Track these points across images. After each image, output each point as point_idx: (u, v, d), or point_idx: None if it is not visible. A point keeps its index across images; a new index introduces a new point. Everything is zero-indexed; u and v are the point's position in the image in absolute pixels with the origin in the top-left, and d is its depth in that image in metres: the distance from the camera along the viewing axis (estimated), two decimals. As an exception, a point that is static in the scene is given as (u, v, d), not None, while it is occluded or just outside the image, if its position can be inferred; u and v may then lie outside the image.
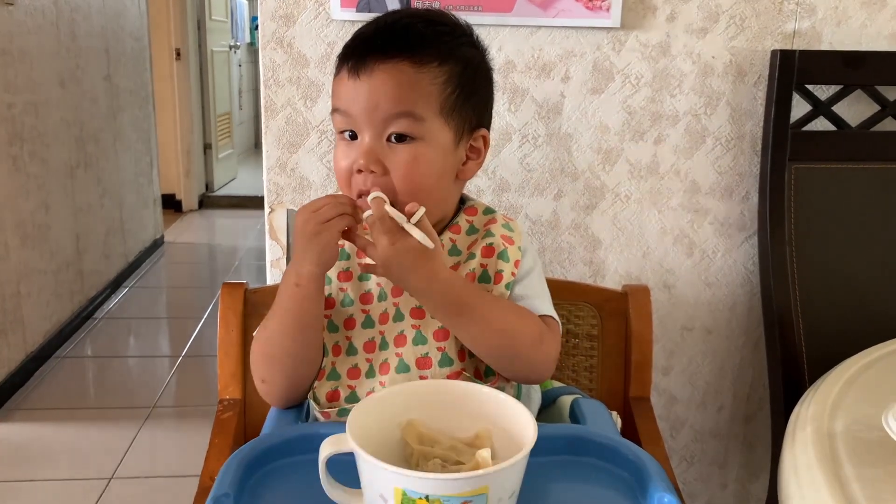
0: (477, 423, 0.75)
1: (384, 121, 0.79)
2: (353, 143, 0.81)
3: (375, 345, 0.85)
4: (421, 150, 0.81)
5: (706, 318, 1.51)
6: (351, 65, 0.80)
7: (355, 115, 0.80)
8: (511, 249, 0.87)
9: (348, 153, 0.82)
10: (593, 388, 1.17)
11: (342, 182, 0.84)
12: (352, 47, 0.82)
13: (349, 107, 0.80)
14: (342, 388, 0.86)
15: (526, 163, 1.41)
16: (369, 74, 0.79)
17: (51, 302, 2.86)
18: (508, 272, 0.86)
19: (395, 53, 0.79)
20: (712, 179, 1.43)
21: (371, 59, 0.79)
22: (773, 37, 1.37)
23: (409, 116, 0.80)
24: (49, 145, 2.86)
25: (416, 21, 0.83)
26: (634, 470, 0.77)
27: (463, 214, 0.89)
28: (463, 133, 0.84)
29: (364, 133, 0.80)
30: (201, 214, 5.17)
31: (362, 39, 0.82)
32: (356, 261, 0.87)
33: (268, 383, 0.87)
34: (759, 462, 1.60)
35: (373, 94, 0.79)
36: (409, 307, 0.85)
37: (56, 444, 2.24)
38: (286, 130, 1.35)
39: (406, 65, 0.79)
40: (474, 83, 0.85)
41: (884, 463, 0.77)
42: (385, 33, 0.81)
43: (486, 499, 0.63)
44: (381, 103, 0.79)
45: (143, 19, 4.05)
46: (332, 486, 0.69)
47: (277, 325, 0.83)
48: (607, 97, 1.39)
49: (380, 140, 0.80)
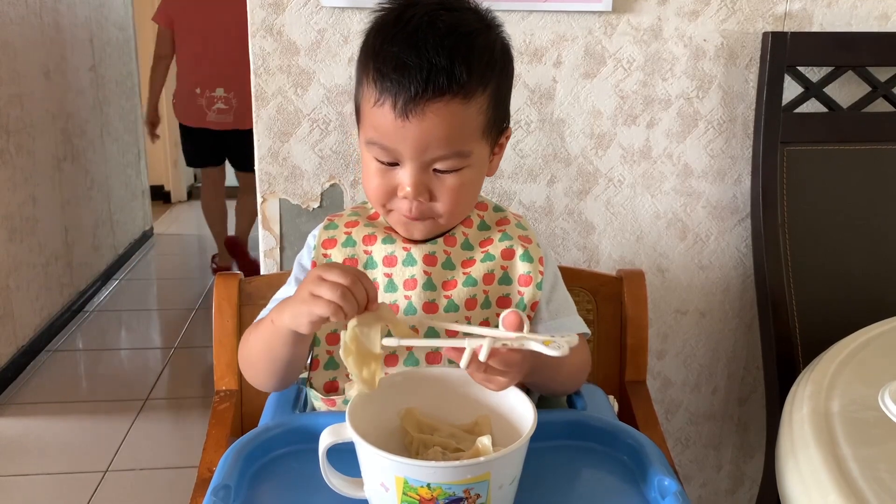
0: (476, 410, 0.75)
1: (433, 159, 0.78)
2: (392, 169, 0.79)
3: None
4: (466, 176, 0.80)
5: (700, 301, 1.51)
6: (399, 104, 0.75)
7: (401, 151, 0.77)
8: (532, 248, 0.88)
9: (387, 178, 0.80)
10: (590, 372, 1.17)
11: (377, 202, 0.82)
12: (395, 81, 0.75)
13: (395, 144, 0.77)
14: (341, 377, 0.85)
15: (519, 149, 1.40)
16: (420, 116, 0.75)
17: (41, 295, 2.84)
18: (536, 272, 0.87)
19: (444, 91, 0.75)
20: (705, 163, 1.43)
21: (421, 99, 0.74)
22: (764, 19, 1.37)
23: (459, 155, 0.78)
24: (35, 137, 2.83)
25: (457, 40, 0.76)
26: (633, 453, 0.78)
27: (474, 210, 0.90)
28: (494, 140, 0.84)
29: (406, 165, 0.78)
30: (190, 205, 5.14)
31: (406, 72, 0.74)
32: (361, 248, 0.87)
33: (251, 379, 0.88)
34: (754, 443, 1.61)
35: (424, 136, 0.76)
36: (421, 302, 0.84)
37: (50, 438, 2.23)
38: (277, 119, 1.34)
39: (456, 103, 0.76)
40: (508, 87, 0.85)
41: (880, 442, 0.78)
42: (430, 66, 0.74)
43: (487, 485, 0.63)
44: (431, 145, 0.77)
45: (127, 9, 4.01)
46: (333, 476, 0.69)
47: (257, 343, 0.83)
48: (599, 82, 1.38)
49: (426, 171, 0.79)
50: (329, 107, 1.34)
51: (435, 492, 0.62)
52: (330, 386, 0.85)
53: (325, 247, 0.88)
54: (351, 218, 0.90)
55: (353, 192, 1.39)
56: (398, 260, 0.85)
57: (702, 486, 1.65)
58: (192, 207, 5.10)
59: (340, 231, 0.88)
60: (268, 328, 0.79)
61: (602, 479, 0.77)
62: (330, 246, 0.87)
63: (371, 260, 0.86)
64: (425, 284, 0.84)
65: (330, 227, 0.89)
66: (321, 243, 0.88)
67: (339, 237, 0.87)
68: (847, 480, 0.71)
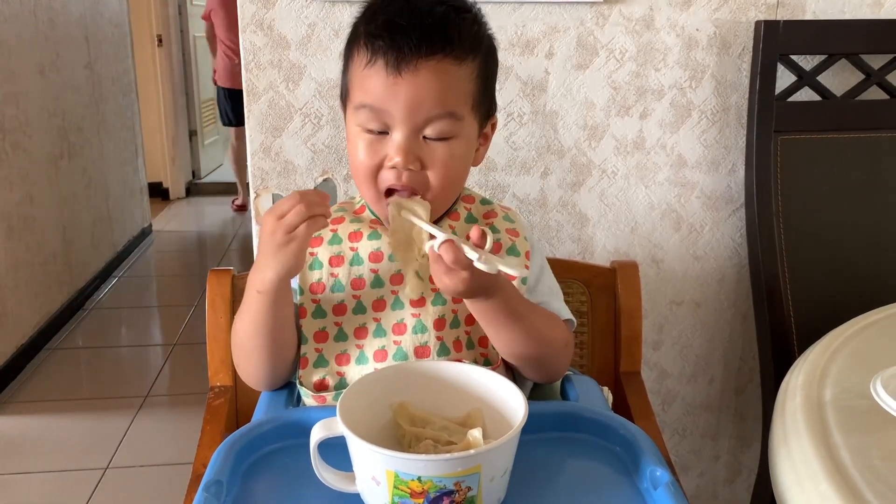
0: (468, 403, 0.75)
1: (426, 120, 0.77)
2: (382, 139, 0.78)
3: (368, 331, 0.85)
4: (456, 146, 0.80)
5: (695, 291, 1.51)
6: (392, 61, 0.75)
7: (392, 113, 0.77)
8: (519, 241, 0.89)
9: (375, 149, 0.79)
10: (584, 364, 1.17)
11: (365, 178, 0.81)
12: (388, 39, 0.75)
13: (387, 105, 0.76)
14: (331, 375, 0.85)
15: (512, 141, 1.40)
16: (413, 73, 0.75)
17: (39, 294, 2.84)
18: (522, 266, 0.87)
19: (437, 49, 0.76)
20: (698, 153, 1.43)
21: (414, 56, 0.75)
22: (756, 7, 1.37)
23: (451, 117, 0.78)
24: (31, 136, 2.83)
25: (447, 9, 0.78)
26: (626, 445, 0.78)
27: (461, 202, 0.90)
28: (482, 122, 0.85)
29: (398, 130, 0.78)
30: (188, 202, 5.14)
31: (399, 31, 0.75)
32: (348, 244, 0.86)
33: (244, 372, 0.88)
34: (751, 433, 1.62)
35: (416, 93, 0.76)
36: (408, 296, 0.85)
37: (50, 436, 2.24)
38: (269, 114, 1.34)
39: (449, 62, 0.77)
40: (493, 70, 0.85)
41: (872, 430, 0.78)
42: (424, 26, 0.76)
43: (478, 478, 0.63)
44: (424, 103, 0.76)
45: (122, 5, 4.00)
46: (325, 470, 0.69)
47: (245, 325, 0.83)
48: (592, 73, 1.38)
49: (417, 137, 0.78)
50: (321, 101, 1.34)
51: (426, 485, 0.62)
52: (320, 384, 0.85)
53: (311, 245, 0.87)
54: (337, 214, 0.90)
55: (347, 187, 1.38)
56: (384, 255, 0.85)
57: (699, 476, 1.65)
58: (190, 204, 5.10)
59: (326, 229, 0.88)
60: (252, 302, 0.79)
61: (594, 470, 0.77)
62: (316, 244, 0.87)
63: (357, 256, 0.86)
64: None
65: None
66: None
67: (324, 234, 0.87)
68: (839, 469, 0.71)
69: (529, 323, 0.81)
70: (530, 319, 0.82)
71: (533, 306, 0.85)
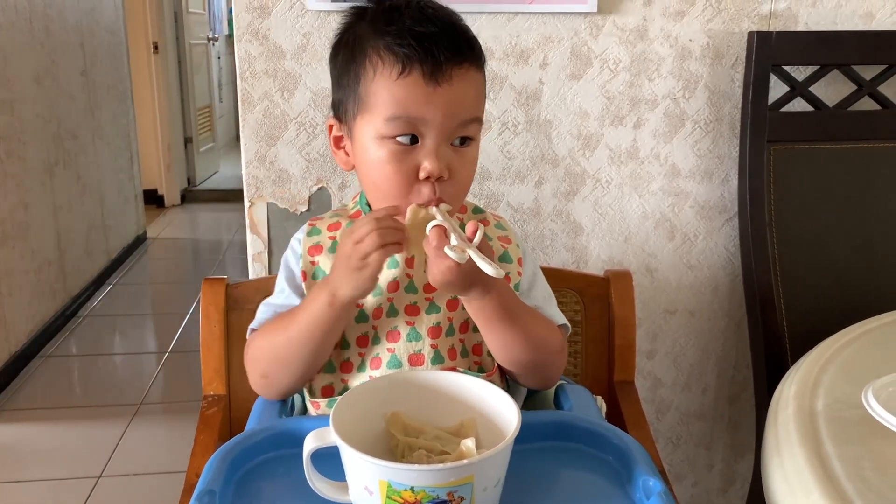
0: (461, 413, 0.75)
1: (458, 126, 0.79)
2: (412, 148, 0.78)
3: (368, 339, 0.85)
4: (474, 150, 0.82)
5: (689, 300, 1.51)
6: (428, 70, 0.76)
7: (428, 121, 0.77)
8: (511, 249, 0.89)
9: (405, 158, 0.78)
10: (578, 373, 1.17)
11: (399, 189, 0.79)
12: (420, 49, 0.76)
13: (424, 113, 0.77)
14: (336, 382, 0.86)
15: (506, 150, 1.40)
16: (448, 81, 0.77)
17: (33, 301, 2.84)
18: (515, 272, 0.88)
19: (465, 57, 0.78)
20: (692, 163, 1.44)
21: (448, 65, 0.76)
22: (749, 18, 1.38)
23: (478, 121, 0.81)
24: (26, 143, 2.82)
25: (456, 17, 0.81)
26: (619, 454, 0.78)
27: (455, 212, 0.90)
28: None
29: (430, 137, 0.78)
30: (184, 209, 5.13)
31: (430, 40, 0.76)
32: None
33: (270, 380, 0.86)
34: (744, 442, 1.62)
35: (453, 101, 0.77)
36: (403, 304, 0.85)
37: (43, 444, 2.23)
38: (264, 123, 1.34)
39: (473, 69, 0.80)
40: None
41: (863, 441, 0.78)
42: (449, 34, 0.78)
43: (471, 488, 0.63)
44: (459, 111, 0.78)
45: (118, 13, 4.00)
46: (318, 480, 0.69)
47: (299, 333, 0.81)
48: (586, 83, 1.38)
49: (447, 144, 0.79)
50: (316, 110, 1.34)
51: (419, 495, 0.62)
52: (327, 390, 0.86)
53: (312, 254, 0.87)
54: (332, 220, 0.90)
55: (341, 196, 1.39)
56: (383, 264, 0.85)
57: (693, 486, 1.65)
58: (185, 211, 5.09)
59: (325, 236, 0.88)
60: (315, 312, 0.79)
61: (587, 479, 0.77)
62: (316, 252, 0.87)
63: None
64: (407, 287, 0.85)
65: (313, 233, 0.89)
66: (307, 251, 0.88)
67: (324, 243, 0.87)
68: (830, 479, 0.71)
69: (525, 325, 0.82)
70: (526, 322, 0.82)
71: (528, 309, 0.85)
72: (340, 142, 0.86)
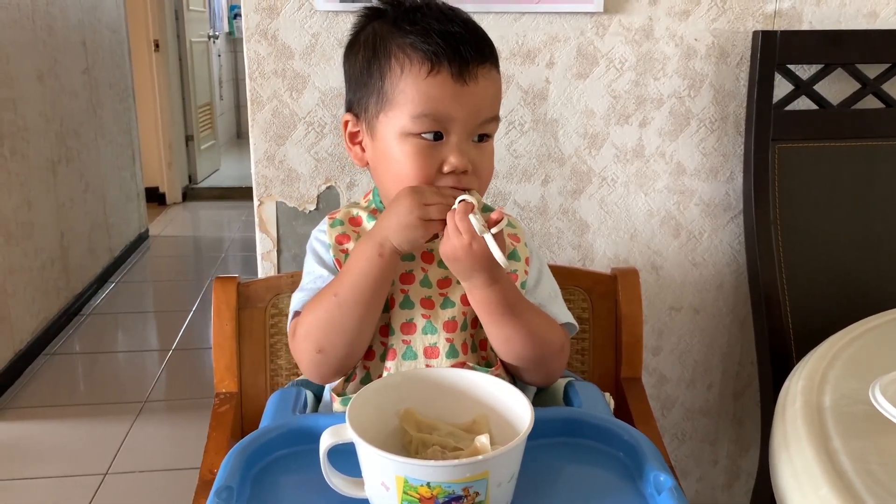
0: (474, 409, 0.76)
1: (482, 123, 0.82)
2: (436, 144, 0.80)
3: (387, 329, 0.87)
4: (492, 146, 0.85)
5: (694, 297, 1.52)
6: (456, 70, 0.79)
7: (455, 118, 0.79)
8: (520, 247, 0.91)
9: (430, 153, 0.80)
10: (586, 370, 1.18)
11: (423, 183, 0.81)
12: (448, 48, 0.79)
13: (452, 111, 0.79)
14: (359, 368, 0.88)
15: (513, 149, 1.41)
16: (474, 80, 0.80)
17: (37, 299, 2.84)
18: (522, 270, 0.89)
19: (487, 57, 0.82)
20: (697, 161, 1.45)
21: (474, 64, 0.79)
22: (754, 17, 1.38)
23: (496, 119, 0.85)
24: (29, 141, 2.83)
25: (473, 21, 0.84)
26: (629, 450, 0.79)
27: None
28: None
29: (456, 134, 0.80)
30: (185, 207, 5.14)
31: (456, 40, 0.79)
32: None
33: (325, 353, 0.83)
34: (749, 437, 1.63)
35: (478, 99, 0.80)
36: (419, 297, 0.86)
37: (49, 442, 2.24)
38: (273, 123, 1.35)
39: (494, 69, 0.83)
40: None
41: (871, 436, 0.79)
42: (472, 35, 0.81)
43: (486, 483, 0.64)
44: (483, 108, 0.81)
45: (120, 11, 4.00)
46: (334, 476, 0.70)
47: (350, 291, 0.81)
48: (592, 82, 1.39)
49: (470, 141, 0.82)
50: (324, 110, 1.35)
51: (435, 490, 0.63)
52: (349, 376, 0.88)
53: (341, 242, 0.88)
54: (352, 214, 0.91)
55: (349, 194, 1.40)
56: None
57: (698, 481, 1.66)
58: (187, 209, 5.09)
59: (348, 227, 0.89)
60: (373, 265, 0.80)
61: (598, 475, 0.78)
62: (345, 240, 0.88)
63: None
64: (422, 281, 0.86)
65: (336, 224, 0.90)
66: (335, 241, 0.88)
67: (349, 233, 0.88)
68: (839, 473, 0.72)
69: (526, 321, 0.83)
70: (527, 318, 0.83)
71: (531, 305, 0.86)
72: (356, 137, 0.87)
